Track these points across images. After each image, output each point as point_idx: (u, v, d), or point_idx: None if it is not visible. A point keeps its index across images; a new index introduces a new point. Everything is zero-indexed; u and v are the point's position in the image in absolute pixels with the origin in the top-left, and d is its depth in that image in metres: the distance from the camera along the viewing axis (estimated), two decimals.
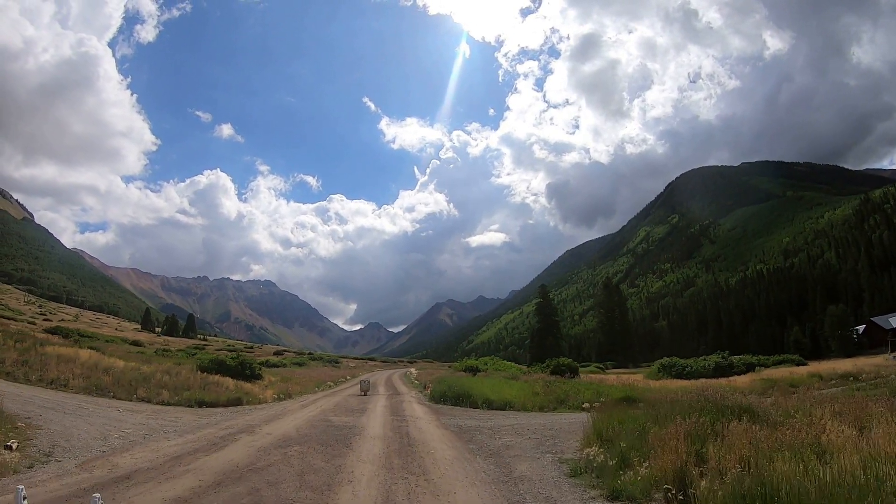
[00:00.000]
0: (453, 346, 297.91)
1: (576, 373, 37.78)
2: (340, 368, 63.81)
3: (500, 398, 20.35)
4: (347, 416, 16.60)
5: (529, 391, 22.01)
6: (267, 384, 30.35)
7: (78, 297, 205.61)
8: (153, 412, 17.18)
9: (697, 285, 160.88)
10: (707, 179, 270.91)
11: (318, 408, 19.65)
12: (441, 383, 25.24)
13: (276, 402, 23.92)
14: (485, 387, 22.68)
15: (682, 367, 38.26)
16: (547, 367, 37.74)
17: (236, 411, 19.22)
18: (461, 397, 20.89)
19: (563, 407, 20.45)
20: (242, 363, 32.07)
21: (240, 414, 17.85)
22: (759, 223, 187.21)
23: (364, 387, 27.74)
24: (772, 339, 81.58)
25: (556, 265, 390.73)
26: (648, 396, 22.25)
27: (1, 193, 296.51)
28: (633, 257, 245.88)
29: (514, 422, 15.35)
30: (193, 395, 21.44)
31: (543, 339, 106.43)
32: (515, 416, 17.54)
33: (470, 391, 21.21)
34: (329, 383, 37.56)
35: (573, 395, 21.85)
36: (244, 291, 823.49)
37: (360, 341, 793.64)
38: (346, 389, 32.48)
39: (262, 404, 22.68)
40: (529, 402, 20.30)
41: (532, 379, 27.33)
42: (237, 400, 22.32)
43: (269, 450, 10.23)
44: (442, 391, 22.40)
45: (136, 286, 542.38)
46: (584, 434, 10.39)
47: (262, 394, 24.59)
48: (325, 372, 49.39)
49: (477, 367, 34.92)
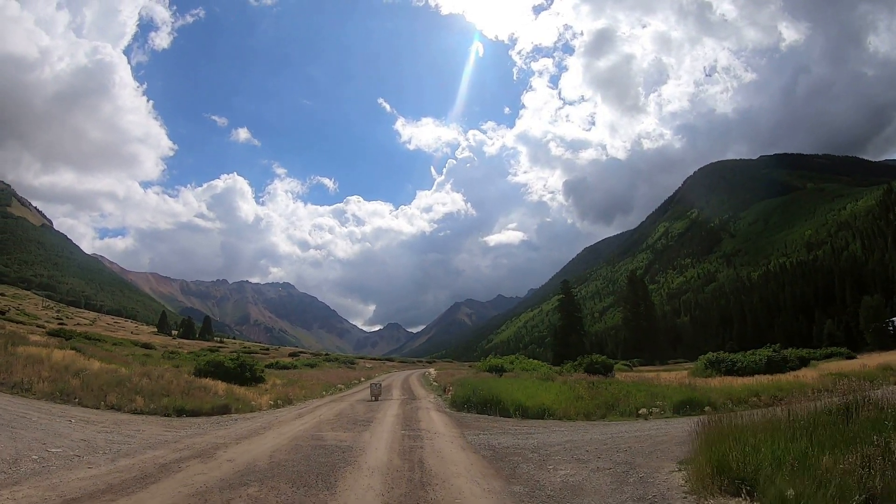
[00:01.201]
0: (472, 346, 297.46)
1: (611, 371, 33.93)
2: (356, 370, 60.45)
3: (537, 404, 16.69)
4: (347, 430, 13.05)
5: (570, 394, 18.25)
6: (267, 388, 27.11)
7: (96, 301, 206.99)
8: (114, 423, 14.10)
9: (719, 280, 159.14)
10: (725, 173, 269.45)
11: (315, 418, 16.17)
12: (464, 386, 21.53)
13: (272, 409, 20.58)
14: (515, 390, 18.96)
15: (731, 362, 34.16)
16: (579, 366, 33.95)
17: (217, 422, 15.92)
18: (488, 403, 17.24)
19: (613, 413, 16.73)
20: (242, 365, 28.91)
21: (217, 426, 14.52)
22: (779, 216, 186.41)
23: (375, 391, 24.28)
24: (798, 333, 79.78)
25: (575, 263, 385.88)
26: (716, 399, 18.44)
27: (20, 201, 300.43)
28: (653, 253, 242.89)
29: (562, 437, 11.65)
30: (173, 401, 18.37)
31: (566, 337, 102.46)
32: (559, 427, 13.83)
33: (498, 395, 17.55)
34: (339, 386, 34.19)
35: (623, 398, 18.08)
36: (263, 294, 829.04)
37: (379, 342, 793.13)
38: (357, 393, 29.07)
39: (254, 412, 19.36)
40: (572, 409, 16.60)
41: (571, 380, 23.48)
42: (224, 408, 19.03)
43: (209, 493, 6.73)
44: (465, 396, 18.71)
45: (156, 290, 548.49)
46: (694, 465, 6.68)
47: (256, 400, 21.27)
48: (338, 374, 46.04)
49: (502, 366, 31.19)
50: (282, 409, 20.70)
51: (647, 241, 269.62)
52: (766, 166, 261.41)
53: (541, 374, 27.01)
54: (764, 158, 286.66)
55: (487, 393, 17.76)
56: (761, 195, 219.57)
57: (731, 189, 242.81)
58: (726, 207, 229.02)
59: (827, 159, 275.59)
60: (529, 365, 33.02)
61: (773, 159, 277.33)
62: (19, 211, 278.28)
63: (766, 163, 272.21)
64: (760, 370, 33.28)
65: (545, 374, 26.89)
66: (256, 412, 19.40)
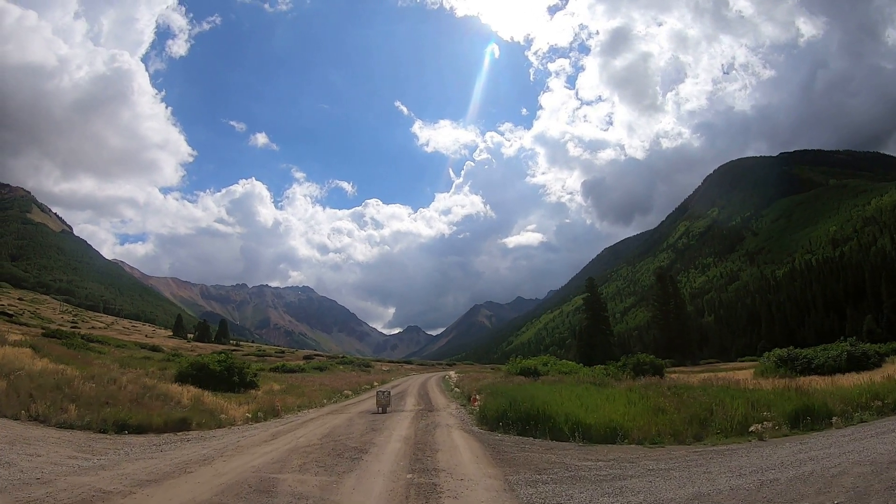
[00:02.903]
0: (493, 348, 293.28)
1: (661, 373, 28.73)
2: (370, 373, 55.87)
3: (602, 420, 11.84)
4: (322, 469, 8.38)
5: (644, 405, 13.30)
6: (258, 395, 22.71)
7: (115, 306, 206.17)
8: (9, 442, 10.35)
9: (742, 279, 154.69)
10: (746, 171, 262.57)
11: (290, 442, 11.52)
12: (496, 394, 16.49)
13: (247, 424, 16.02)
14: (566, 399, 14.06)
15: (806, 359, 28.80)
16: (623, 367, 28.83)
17: (155, 444, 11.55)
18: (532, 419, 12.36)
19: (710, 431, 11.85)
20: (230, 368, 24.52)
21: (142, 453, 10.07)
22: (802, 213, 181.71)
23: (382, 400, 19.59)
24: (830, 330, 76.11)
25: (595, 263, 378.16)
26: (833, 405, 13.38)
27: (40, 207, 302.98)
28: (674, 252, 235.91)
29: (679, 488, 6.78)
30: (116, 413, 14.28)
31: (592, 337, 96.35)
32: (650, 458, 9.04)
33: (545, 408, 12.65)
34: (346, 392, 29.55)
35: (717, 408, 13.09)
36: (283, 298, 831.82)
37: (398, 345, 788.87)
38: (365, 401, 24.40)
39: (220, 429, 14.89)
40: (652, 426, 11.71)
41: (629, 385, 18.39)
42: (181, 423, 14.60)
43: None
44: (499, 408, 13.73)
45: (176, 295, 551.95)
46: None
47: (231, 411, 16.76)
48: (349, 378, 41.38)
49: (536, 368, 26.01)
50: (260, 423, 16.14)
51: (667, 241, 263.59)
52: (787, 163, 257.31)
53: (584, 377, 22.01)
54: (784, 155, 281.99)
55: (530, 404, 12.87)
56: (783, 192, 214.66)
57: (752, 187, 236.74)
58: (747, 205, 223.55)
59: (848, 155, 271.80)
60: (566, 367, 27.96)
61: (793, 156, 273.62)
62: (39, 217, 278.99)
63: (786, 159, 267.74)
64: (841, 367, 28.22)
65: (595, 377, 21.86)
66: (224, 428, 14.93)
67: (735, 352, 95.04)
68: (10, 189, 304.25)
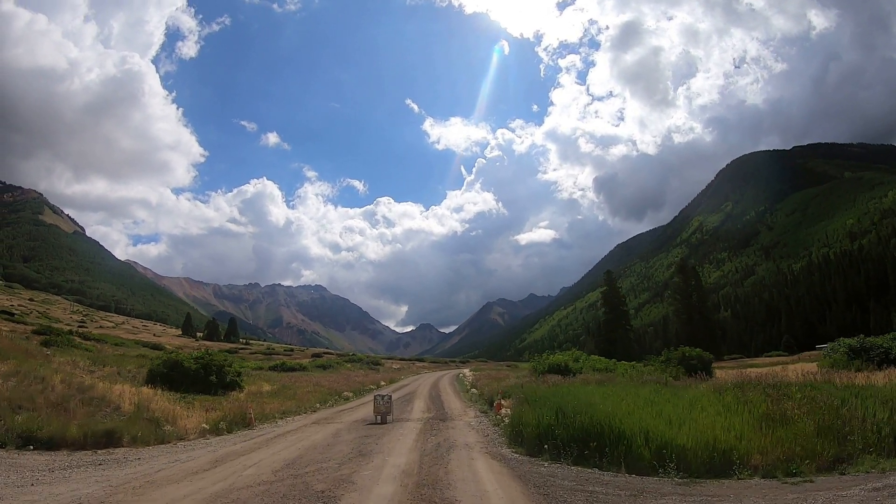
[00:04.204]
0: (506, 346, 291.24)
1: (709, 369, 24.56)
2: (379, 372, 52.07)
3: (700, 439, 7.88)
4: None
5: (752, 413, 9.33)
6: (239, 398, 18.99)
7: (127, 305, 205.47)
8: None
9: (758, 274, 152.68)
10: (759, 165, 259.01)
11: (233, 474, 7.73)
12: (530, 400, 12.12)
13: (203, 437, 12.28)
14: (632, 406, 10.03)
15: (883, 349, 24.35)
16: (666, 362, 24.69)
17: (48, 468, 7.76)
18: (594, 438, 8.36)
19: (851, 450, 7.85)
20: (207, 366, 20.81)
21: None
22: (818, 206, 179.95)
23: (380, 407, 15.46)
24: (853, 324, 74.37)
25: (607, 260, 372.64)
26: None
27: (52, 209, 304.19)
28: (688, 248, 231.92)
29: None
30: (29, 420, 10.76)
31: (611, 333, 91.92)
32: None
33: (611, 421, 8.64)
34: (346, 394, 25.75)
35: (849, 415, 9.10)
36: (295, 297, 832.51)
37: (411, 343, 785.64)
38: (364, 405, 20.42)
39: (165, 445, 11.19)
40: (774, 444, 7.70)
41: (723, 385, 14.25)
42: (110, 435, 10.97)
43: None
44: (541, 422, 9.60)
45: (189, 295, 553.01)
46: None
47: (185, 420, 13.00)
48: (353, 377, 37.53)
49: (567, 365, 21.71)
50: (218, 438, 12.36)
51: (680, 236, 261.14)
52: (801, 157, 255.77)
53: (634, 375, 17.89)
54: (798, 149, 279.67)
55: (587, 416, 8.87)
56: (797, 186, 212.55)
57: (766, 181, 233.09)
58: (761, 199, 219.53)
59: (862, 148, 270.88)
60: (600, 363, 23.70)
61: (807, 149, 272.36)
62: (51, 219, 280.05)
63: (800, 153, 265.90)
64: None
65: (638, 376, 17.77)
66: (167, 444, 11.21)
67: (754, 347, 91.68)
68: (23, 191, 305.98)
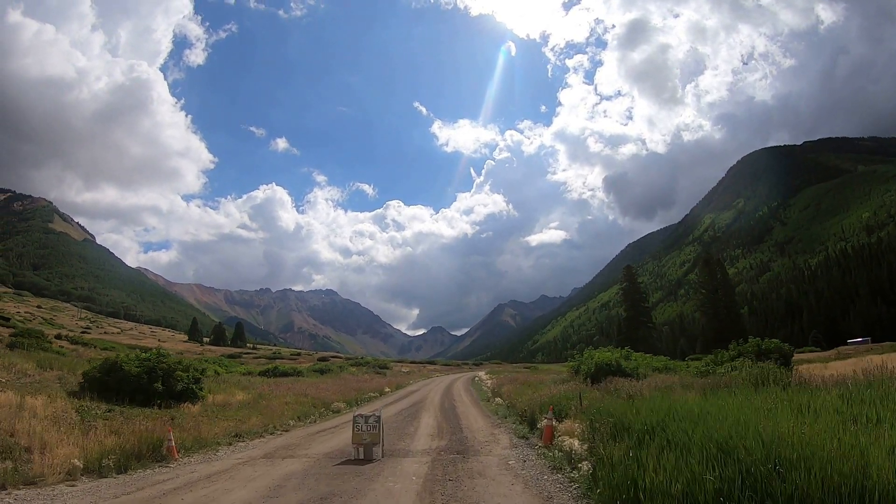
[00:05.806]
0: (518, 347, 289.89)
1: (788, 362, 19.80)
2: (385, 376, 47.52)
3: None
4: None
5: None
6: (192, 411, 14.69)
7: (136, 312, 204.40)
8: None
9: (774, 270, 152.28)
10: (770, 161, 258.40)
11: None
12: (629, 430, 6.50)
13: (66, 483, 7.85)
14: (787, 430, 5.20)
15: None
16: (736, 356, 19.89)
17: None
18: None
19: None
20: (151, 371, 16.40)
21: None
22: (831, 201, 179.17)
23: (364, 435, 10.34)
24: (879, 319, 75.26)
25: (619, 259, 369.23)
26: None
27: (62, 217, 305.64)
28: (700, 245, 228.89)
29: None
30: None
31: (634, 330, 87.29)
32: None
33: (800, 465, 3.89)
34: (337, 405, 21.25)
35: None
36: (306, 301, 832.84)
37: (423, 346, 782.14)
38: (350, 426, 15.89)
39: None
40: None
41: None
42: None
43: None
44: (693, 487, 4.63)
45: (200, 300, 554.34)
46: None
47: (51, 454, 8.52)
48: (353, 383, 33.03)
49: (618, 364, 16.29)
50: (89, 483, 7.90)
51: (692, 234, 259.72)
52: (812, 151, 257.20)
53: (688, 376, 13.33)
54: (808, 144, 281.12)
55: (762, 462, 4.20)
56: (809, 181, 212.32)
57: (777, 177, 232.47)
58: (773, 195, 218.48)
59: (874, 141, 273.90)
60: (658, 361, 18.99)
61: (817, 144, 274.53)
62: (61, 227, 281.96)
63: (811, 148, 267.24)
64: None
65: (709, 374, 13.17)
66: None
67: None
68: (32, 200, 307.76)
